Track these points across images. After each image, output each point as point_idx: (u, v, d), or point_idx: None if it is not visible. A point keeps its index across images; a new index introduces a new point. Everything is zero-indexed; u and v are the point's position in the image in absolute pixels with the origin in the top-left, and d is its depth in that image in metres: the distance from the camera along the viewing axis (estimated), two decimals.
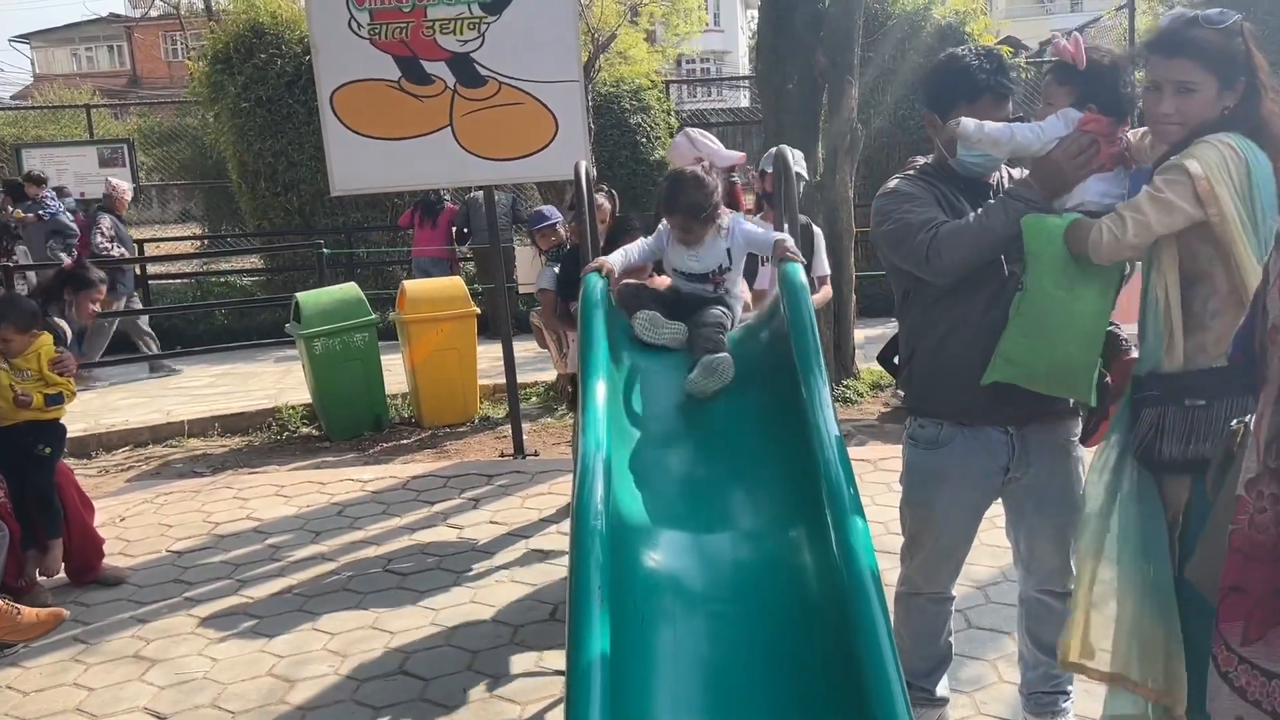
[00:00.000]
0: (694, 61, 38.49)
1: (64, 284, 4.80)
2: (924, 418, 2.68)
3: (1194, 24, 2.32)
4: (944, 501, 2.64)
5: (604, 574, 2.27)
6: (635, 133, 12.16)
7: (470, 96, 5.68)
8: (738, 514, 2.65)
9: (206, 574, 4.58)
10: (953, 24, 11.54)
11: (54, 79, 34.71)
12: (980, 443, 2.59)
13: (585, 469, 2.47)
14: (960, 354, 2.55)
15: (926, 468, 2.67)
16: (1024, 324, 2.42)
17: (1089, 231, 2.30)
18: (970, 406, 2.56)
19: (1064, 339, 2.41)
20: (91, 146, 12.55)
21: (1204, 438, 2.25)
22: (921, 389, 2.70)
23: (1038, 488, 2.62)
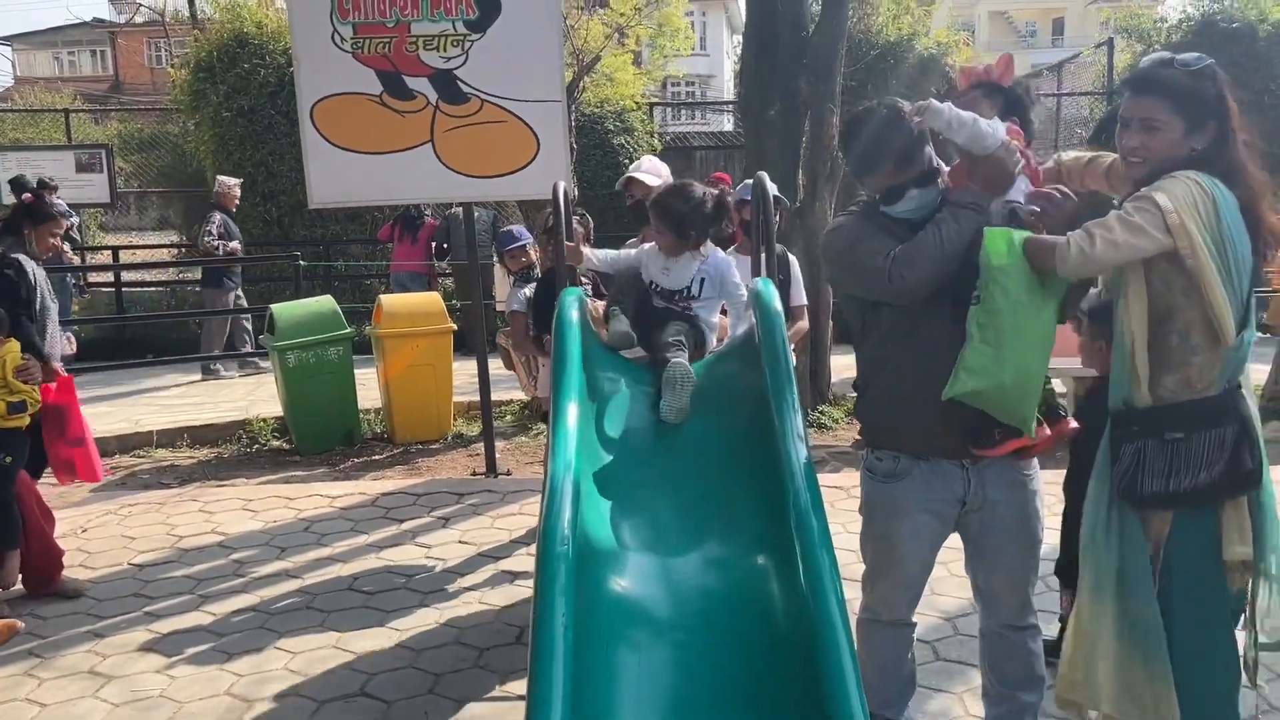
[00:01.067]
0: (679, 84, 38.67)
1: (23, 218, 4.85)
2: (881, 450, 2.68)
3: (1167, 65, 2.35)
4: (903, 533, 2.63)
5: (569, 600, 2.25)
6: (618, 154, 12.18)
7: (452, 113, 5.66)
8: (707, 541, 2.62)
9: (168, 588, 4.50)
10: (935, 55, 11.66)
11: (34, 82, 34.48)
12: (937, 475, 2.60)
13: (554, 492, 2.44)
14: (914, 386, 2.55)
15: (884, 501, 2.67)
16: (985, 333, 2.41)
17: (1053, 246, 2.31)
18: (926, 439, 2.57)
19: (1029, 350, 2.41)
20: (69, 151, 12.43)
21: (1184, 472, 2.26)
22: (876, 421, 2.71)
23: (994, 522, 2.62)
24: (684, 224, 3.22)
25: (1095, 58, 14.63)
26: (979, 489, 2.59)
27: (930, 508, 2.61)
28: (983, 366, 2.40)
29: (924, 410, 2.51)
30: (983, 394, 2.43)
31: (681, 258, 3.33)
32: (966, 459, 2.57)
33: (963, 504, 2.60)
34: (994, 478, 2.59)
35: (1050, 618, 3.88)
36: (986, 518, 2.61)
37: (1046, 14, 48.49)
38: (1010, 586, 2.66)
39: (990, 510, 2.60)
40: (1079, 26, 42.63)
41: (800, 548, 2.35)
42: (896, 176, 2.57)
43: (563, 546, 2.32)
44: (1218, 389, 2.31)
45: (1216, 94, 2.30)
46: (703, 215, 3.24)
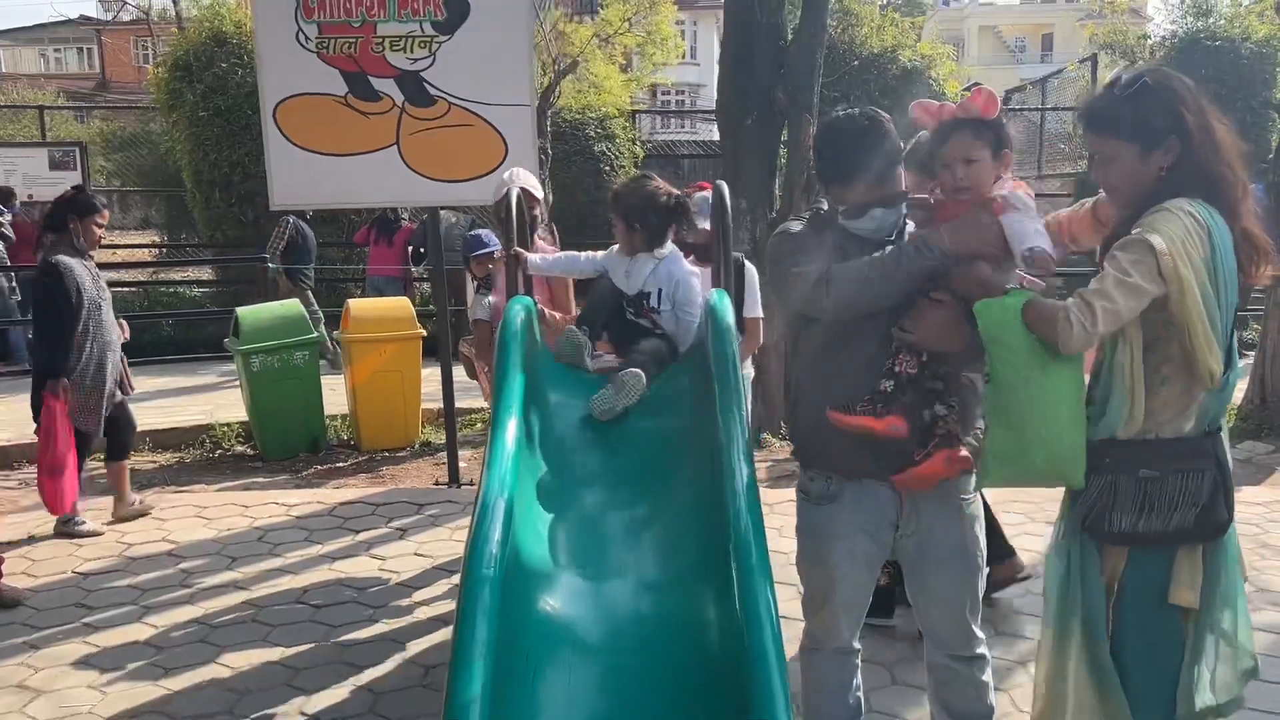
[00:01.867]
0: (669, 93, 38.68)
1: (67, 213, 4.92)
2: (813, 470, 2.59)
3: (1105, 93, 2.27)
4: (837, 557, 2.53)
5: (492, 624, 2.15)
6: (599, 161, 12.09)
7: (419, 116, 5.56)
8: (646, 563, 2.52)
9: (111, 599, 4.37)
10: (919, 67, 11.61)
11: (19, 79, 34.24)
12: (869, 497, 2.50)
13: (484, 511, 2.34)
14: (839, 404, 2.43)
15: (818, 524, 2.57)
16: (1004, 417, 2.24)
17: (1054, 323, 2.14)
18: (855, 460, 2.46)
19: (1053, 422, 2.21)
20: (43, 149, 12.28)
21: (1156, 512, 2.16)
22: (807, 440, 2.60)
23: (930, 547, 2.52)
24: (633, 215, 3.13)
25: (1080, 73, 14.64)
26: (912, 512, 2.49)
27: (864, 529, 2.51)
28: (1008, 453, 2.24)
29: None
30: (1016, 478, 2.30)
31: (639, 259, 3.24)
32: None
33: (895, 527, 2.51)
34: (928, 502, 2.49)
35: (1015, 640, 3.80)
36: (922, 542, 2.52)
37: (1036, 29, 48.73)
38: (949, 615, 2.56)
39: (925, 535, 2.51)
40: (1068, 42, 42.81)
41: (737, 574, 2.26)
42: (868, 192, 2.45)
43: (488, 570, 2.22)
44: (1197, 430, 2.21)
45: (1166, 107, 2.18)
46: (655, 209, 3.15)
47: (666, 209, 3.19)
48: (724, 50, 7.49)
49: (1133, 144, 2.20)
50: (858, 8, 12.34)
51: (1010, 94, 16.97)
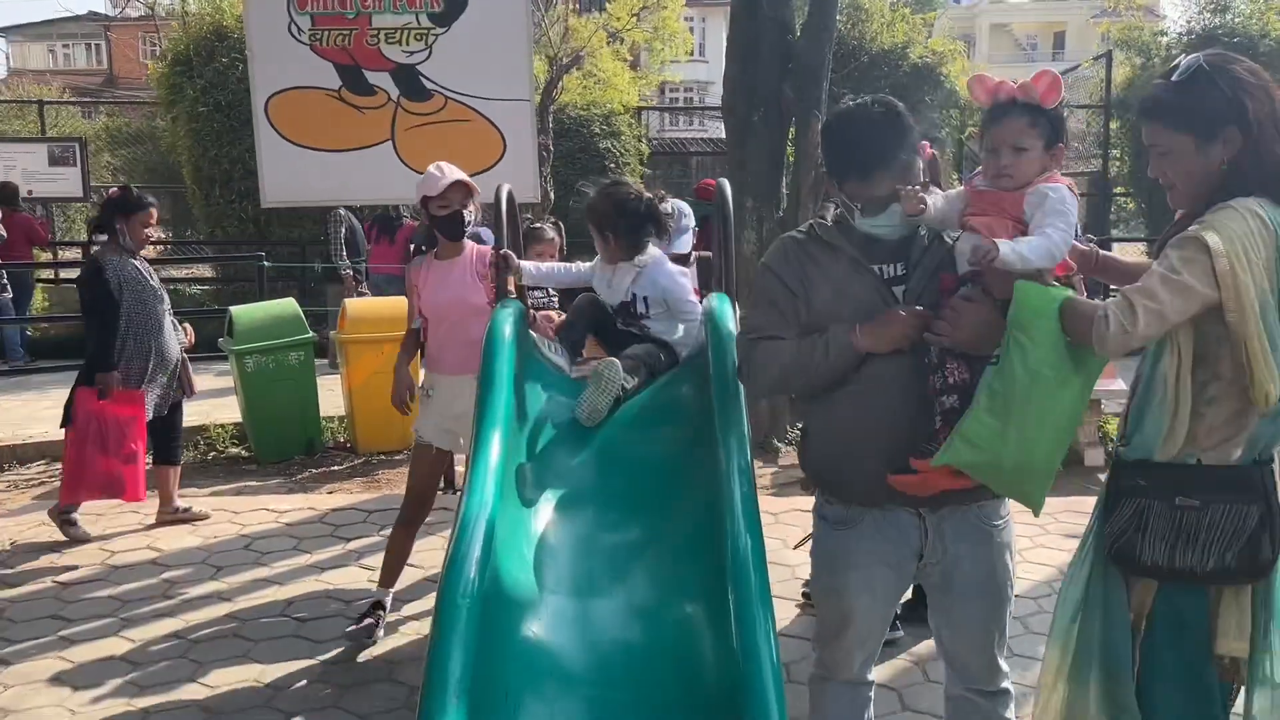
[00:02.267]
0: (677, 90, 38.46)
1: (114, 212, 4.91)
2: (828, 494, 2.41)
3: (1155, 83, 2.08)
4: (854, 587, 2.34)
5: (468, 655, 1.99)
6: (604, 158, 11.92)
7: (414, 110, 5.41)
8: (637, 587, 2.36)
9: (90, 611, 4.21)
10: (930, 64, 11.41)
11: (25, 74, 34.18)
12: (891, 525, 2.31)
13: (463, 533, 2.19)
14: (862, 431, 2.26)
15: (834, 550, 2.38)
16: (994, 403, 2.05)
17: (1091, 320, 1.94)
18: (876, 486, 2.26)
19: (1039, 428, 2.04)
20: (42, 144, 12.15)
21: (1192, 546, 1.96)
22: (820, 469, 2.41)
23: (956, 577, 2.33)
24: (605, 223, 2.99)
25: (1093, 71, 14.40)
26: (937, 541, 2.31)
27: (884, 559, 2.32)
28: (981, 439, 2.05)
29: (873, 456, 2.23)
30: (978, 468, 2.11)
31: (619, 268, 3.10)
32: (923, 507, 2.29)
33: (919, 556, 2.32)
34: (955, 529, 2.30)
35: (1029, 663, 3.62)
36: (948, 571, 2.33)
37: (1048, 28, 48.38)
38: (974, 648, 2.38)
39: (952, 565, 2.32)
40: (1080, 40, 42.50)
41: (734, 600, 2.10)
42: (885, 186, 2.24)
43: (464, 597, 2.07)
44: (1246, 459, 2.00)
45: (1224, 94, 1.96)
46: (626, 214, 3.01)
47: (638, 213, 3.05)
48: (730, 45, 7.31)
49: (1187, 135, 2.00)
50: (867, 3, 12.16)
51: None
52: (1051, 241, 2.10)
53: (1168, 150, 2.04)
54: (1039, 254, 2.11)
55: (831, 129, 2.35)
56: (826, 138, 2.36)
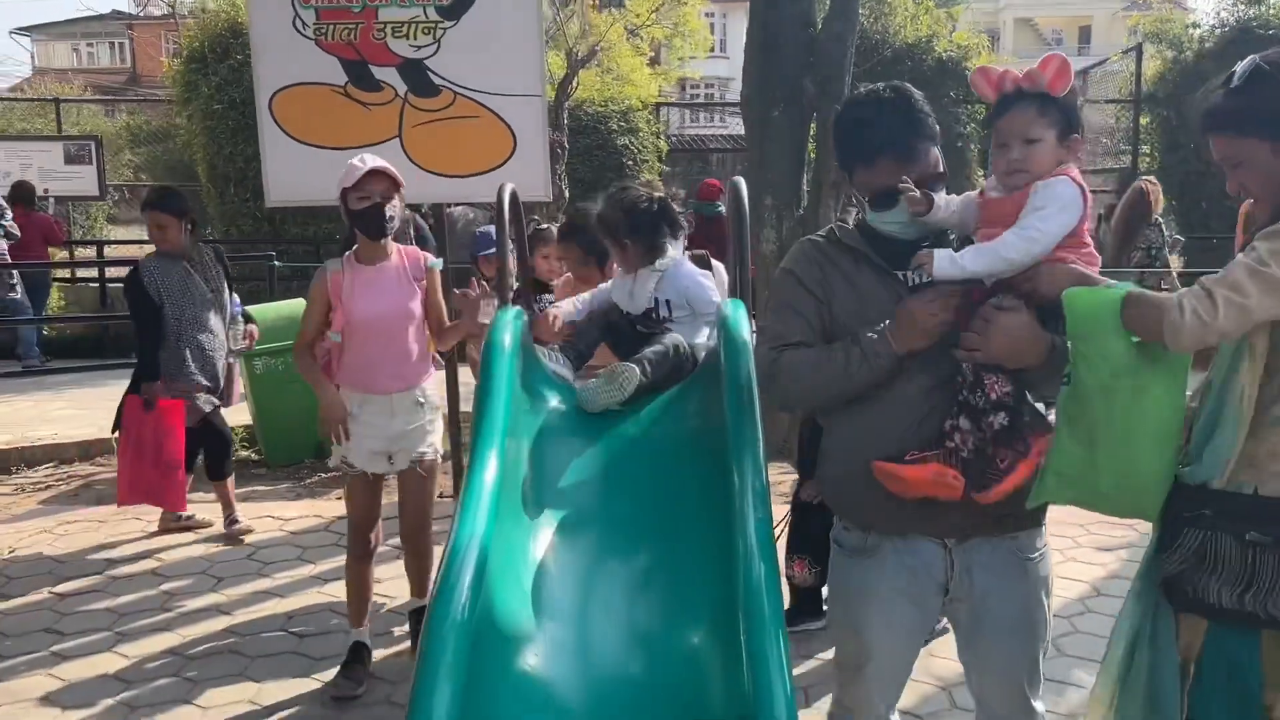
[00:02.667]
0: (698, 86, 38.22)
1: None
2: (848, 520, 2.23)
3: (1214, 93, 1.88)
4: (875, 623, 2.16)
5: (455, 691, 1.83)
6: (621, 154, 11.74)
7: (422, 107, 5.23)
8: (643, 619, 2.17)
9: (85, 624, 4.09)
10: (954, 58, 11.17)
11: (51, 73, 34.37)
12: (913, 556, 2.12)
13: (452, 559, 2.02)
14: (884, 456, 2.06)
15: (852, 581, 2.20)
16: (1076, 429, 1.87)
17: (1161, 311, 1.74)
18: (896, 513, 2.08)
19: (1132, 444, 1.84)
20: (58, 142, 12.09)
21: (1258, 588, 1.75)
22: (837, 492, 2.24)
23: (985, 613, 2.14)
24: (620, 230, 2.82)
25: (1122, 65, 14.10)
26: (964, 575, 2.11)
27: (906, 593, 2.14)
28: (1073, 470, 1.87)
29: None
30: (1079, 501, 1.93)
31: (639, 276, 2.94)
32: (949, 537, 2.10)
33: (945, 590, 2.14)
34: (984, 561, 2.11)
35: (1062, 688, 3.42)
36: (976, 608, 2.14)
37: (1073, 21, 47.79)
38: (1005, 690, 2.19)
39: (980, 602, 2.13)
40: (1106, 34, 41.93)
41: (745, 635, 1.93)
42: (895, 172, 2.06)
43: (452, 630, 1.90)
44: None
45: None
46: (638, 215, 2.84)
47: (650, 213, 2.88)
48: (749, 39, 7.12)
49: (1260, 139, 1.81)
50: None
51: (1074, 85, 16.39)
52: (1005, 245, 1.92)
53: (1241, 160, 1.84)
54: (984, 262, 1.94)
55: (840, 116, 2.20)
56: (835, 126, 2.21)
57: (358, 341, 3.44)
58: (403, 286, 3.49)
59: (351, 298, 3.42)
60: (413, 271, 3.53)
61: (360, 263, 3.48)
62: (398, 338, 3.46)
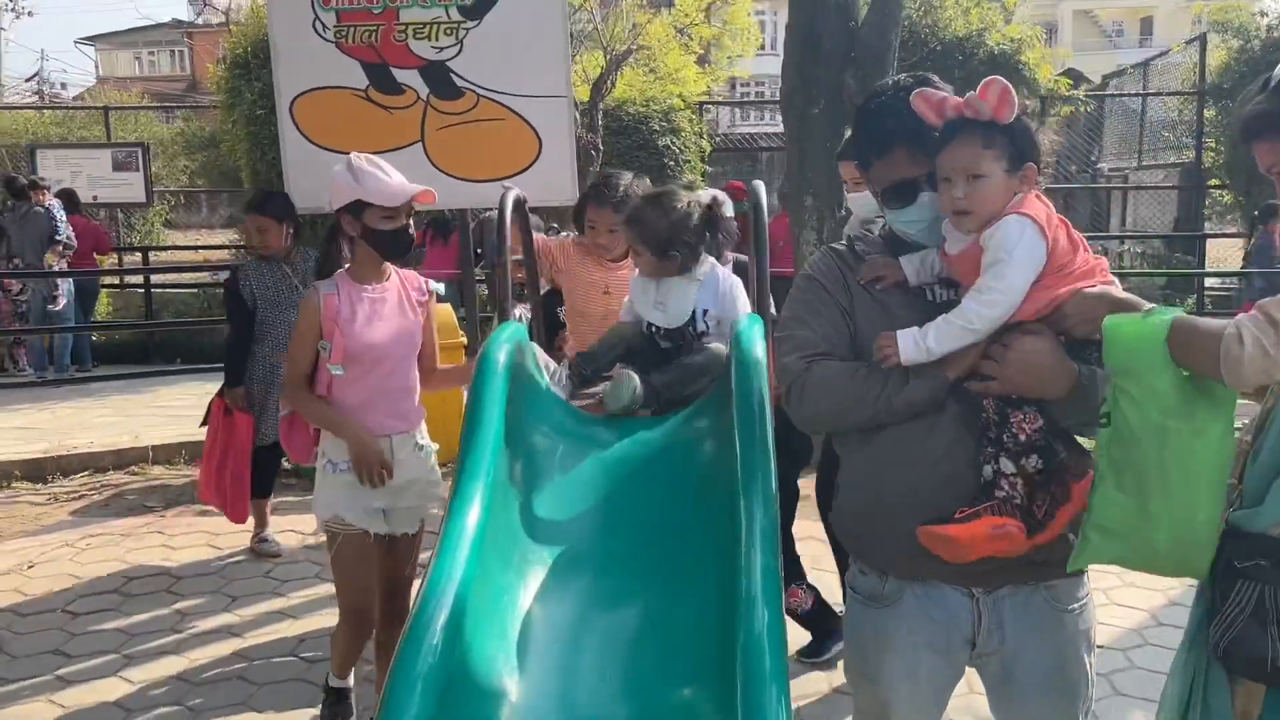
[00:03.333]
0: (747, 84, 37.90)
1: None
2: (863, 562, 2.00)
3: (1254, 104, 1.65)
4: (893, 676, 1.94)
5: None
6: (663, 155, 11.52)
7: (445, 109, 5.07)
8: (633, 673, 1.97)
9: (93, 645, 3.99)
10: (1007, 52, 10.80)
11: (111, 81, 35.09)
12: (935, 605, 1.89)
13: (424, 606, 1.84)
14: (902, 491, 1.85)
15: (868, 630, 1.98)
16: (1122, 476, 1.64)
17: (1217, 340, 1.52)
18: (917, 557, 1.85)
19: (1190, 491, 1.60)
20: (106, 150, 12.19)
21: None
22: (852, 531, 2.02)
23: (1017, 671, 1.91)
24: (665, 245, 2.61)
25: (1185, 55, 13.57)
26: (994, 628, 1.88)
27: (929, 643, 1.91)
28: (1122, 524, 1.65)
29: (913, 515, 1.81)
30: (1128, 560, 1.70)
31: (673, 286, 2.71)
32: (976, 586, 1.87)
33: (971, 644, 1.91)
34: (1016, 613, 1.88)
35: None
36: (1008, 664, 1.90)
37: (1134, 13, 46.60)
38: None
39: (1012, 656, 1.89)
40: (1169, 25, 40.77)
41: (742, 692, 1.73)
42: (910, 166, 1.87)
43: (416, 682, 1.73)
44: None
45: None
46: (687, 229, 2.64)
47: (701, 226, 2.67)
48: (789, 34, 6.87)
49: None
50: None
51: (1108, 79, 15.91)
52: (965, 315, 1.72)
53: None
54: (950, 340, 1.74)
55: (859, 108, 2.01)
56: (853, 119, 2.03)
57: (354, 375, 2.95)
58: (405, 312, 3.06)
59: (352, 323, 2.93)
60: (415, 295, 3.11)
61: (357, 281, 2.99)
62: (401, 370, 3.03)
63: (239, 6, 23.72)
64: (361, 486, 2.93)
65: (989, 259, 1.73)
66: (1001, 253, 1.71)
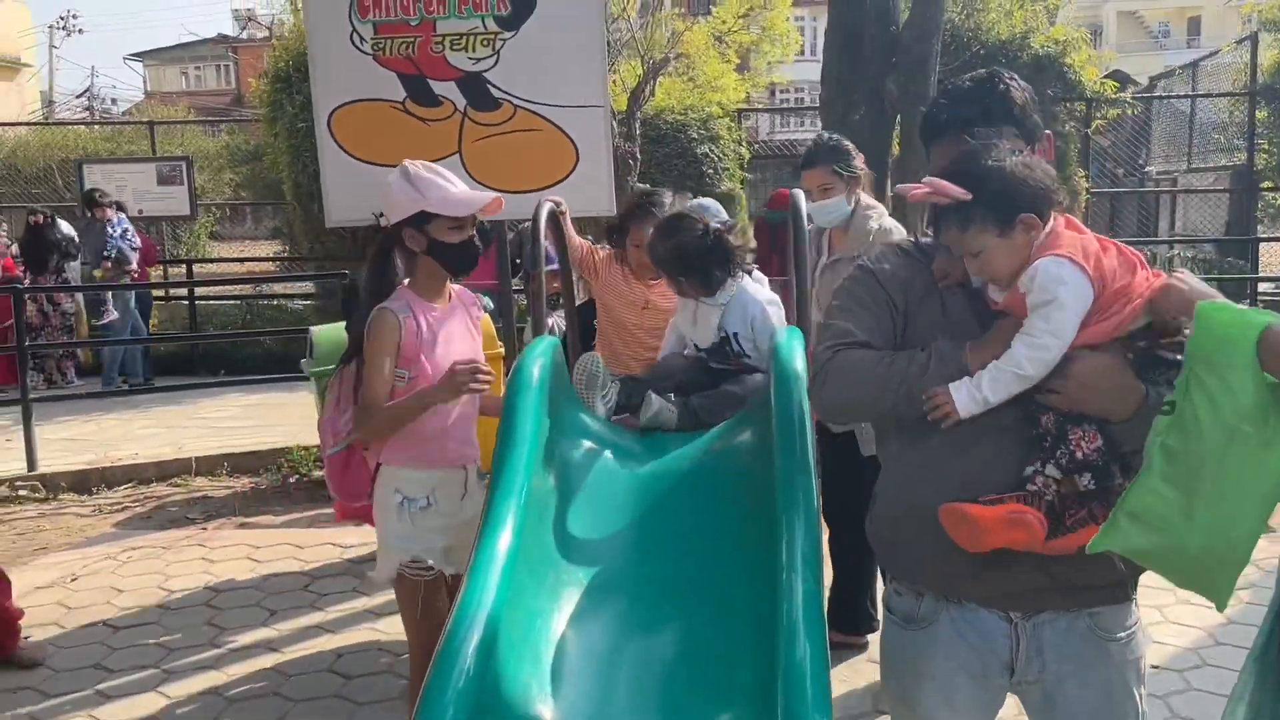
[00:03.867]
0: (788, 90, 37.74)
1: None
2: (899, 581, 1.92)
3: None
4: (930, 702, 1.86)
5: None
6: (701, 164, 11.47)
7: (482, 121, 5.05)
8: (670, 700, 1.91)
9: (133, 660, 3.99)
10: (1052, 54, 10.62)
11: (160, 96, 35.75)
12: (972, 629, 1.81)
13: (455, 630, 1.79)
14: (924, 497, 1.77)
15: (903, 653, 1.90)
16: (1174, 467, 1.53)
17: None
18: (954, 575, 1.77)
19: (1239, 502, 1.52)
20: (151, 164, 12.36)
21: None
22: (886, 539, 1.93)
23: (1060, 702, 1.81)
24: (673, 269, 2.59)
25: (1236, 55, 13.28)
26: (1034, 655, 1.79)
27: (966, 669, 1.82)
28: (1158, 517, 1.55)
29: (945, 535, 1.73)
30: (1151, 555, 1.60)
31: (699, 307, 2.71)
32: (1014, 610, 1.78)
33: (1010, 671, 1.81)
34: (1057, 640, 1.78)
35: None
36: (1050, 694, 1.81)
37: (1181, 13, 45.82)
38: None
39: (1054, 687, 1.80)
40: (1217, 26, 40.04)
41: (784, 716, 1.66)
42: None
43: (449, 704, 1.68)
44: None
45: None
46: (690, 256, 2.62)
47: (702, 253, 2.65)
48: (829, 40, 6.82)
49: None
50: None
51: (1155, 80, 15.61)
52: (1017, 362, 1.65)
53: None
54: (1003, 387, 1.67)
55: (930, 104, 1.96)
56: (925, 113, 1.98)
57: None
58: (469, 331, 2.87)
59: (434, 346, 2.70)
60: (472, 313, 2.94)
61: (424, 298, 2.77)
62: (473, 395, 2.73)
63: (282, 22, 24.07)
64: (444, 521, 2.72)
65: (1033, 301, 1.66)
66: (1045, 294, 1.65)
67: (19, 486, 6.68)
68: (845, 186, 3.51)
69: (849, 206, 3.52)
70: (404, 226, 2.75)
